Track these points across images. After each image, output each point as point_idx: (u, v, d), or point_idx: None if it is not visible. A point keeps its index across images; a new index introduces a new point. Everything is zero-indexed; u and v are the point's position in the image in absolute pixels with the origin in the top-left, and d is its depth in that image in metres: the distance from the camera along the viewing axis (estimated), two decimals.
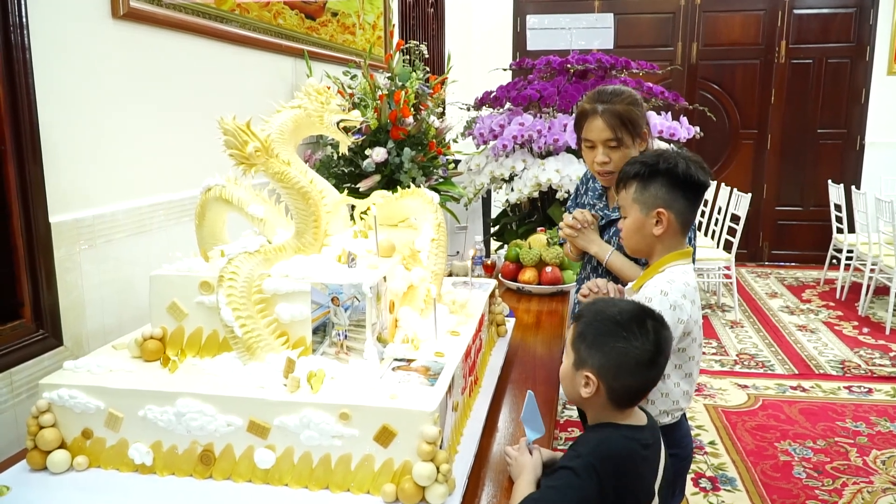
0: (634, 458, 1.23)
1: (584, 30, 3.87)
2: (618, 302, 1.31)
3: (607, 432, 1.25)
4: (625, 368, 1.22)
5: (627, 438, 1.23)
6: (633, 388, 1.25)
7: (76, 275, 1.67)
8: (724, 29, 6.60)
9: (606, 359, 1.23)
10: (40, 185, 1.56)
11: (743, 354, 4.40)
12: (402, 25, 4.46)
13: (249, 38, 2.45)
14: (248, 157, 1.34)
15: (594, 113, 1.81)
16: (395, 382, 1.27)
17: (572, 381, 1.28)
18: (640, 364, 1.22)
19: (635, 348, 1.22)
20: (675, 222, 1.50)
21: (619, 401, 1.25)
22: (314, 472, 1.21)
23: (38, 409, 1.27)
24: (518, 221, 3.72)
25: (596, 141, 1.82)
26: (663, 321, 1.27)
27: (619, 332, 1.23)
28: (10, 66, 1.48)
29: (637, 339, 1.22)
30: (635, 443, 1.23)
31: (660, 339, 1.24)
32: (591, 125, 1.81)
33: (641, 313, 1.26)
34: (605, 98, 1.80)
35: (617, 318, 1.24)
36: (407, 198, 1.70)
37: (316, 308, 1.33)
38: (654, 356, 1.23)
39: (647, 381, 1.26)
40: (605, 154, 1.81)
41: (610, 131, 1.79)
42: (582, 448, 1.22)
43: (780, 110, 6.65)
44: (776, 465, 3.03)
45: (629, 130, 1.78)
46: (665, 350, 1.25)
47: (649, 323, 1.24)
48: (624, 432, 1.24)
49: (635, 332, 1.22)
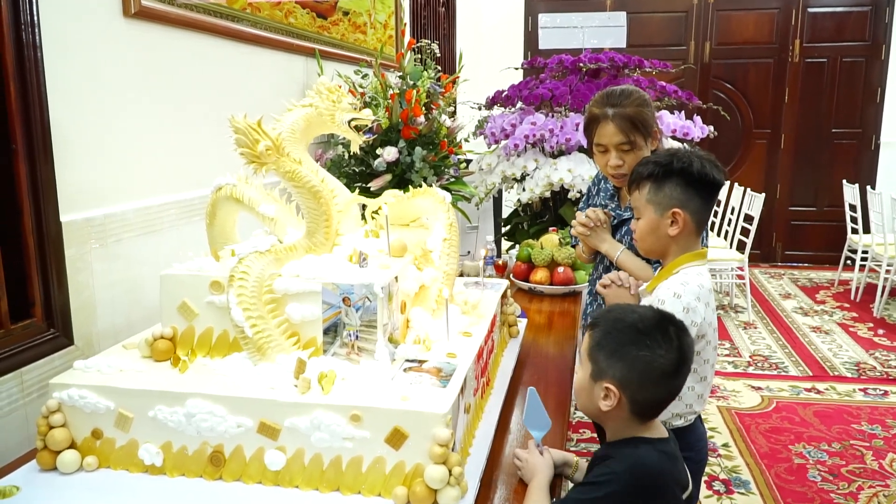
0: (669, 473, 1.19)
1: (597, 28, 3.84)
2: (636, 308, 1.25)
3: (641, 449, 1.19)
4: (649, 379, 1.17)
5: (661, 453, 1.19)
6: (656, 400, 1.20)
7: (87, 274, 1.67)
8: (738, 28, 6.55)
9: (629, 369, 1.17)
10: (51, 184, 1.56)
11: (756, 356, 4.36)
12: (413, 24, 4.45)
13: (261, 37, 2.44)
14: (259, 155, 1.33)
15: (605, 118, 1.78)
16: (406, 384, 1.25)
17: (590, 393, 1.22)
18: (665, 374, 1.17)
19: (659, 357, 1.16)
20: (690, 222, 1.48)
21: (641, 413, 1.20)
22: (325, 474, 1.20)
23: (49, 408, 1.27)
24: (529, 221, 3.70)
25: (608, 145, 1.79)
26: (685, 327, 1.22)
27: (642, 340, 1.17)
28: (22, 65, 1.48)
29: (661, 348, 1.16)
30: (666, 457, 1.20)
31: (683, 346, 1.19)
32: (602, 130, 1.79)
33: (663, 320, 1.21)
34: (615, 101, 1.77)
35: (638, 325, 1.19)
36: (419, 197, 1.69)
37: (327, 308, 1.32)
38: (678, 365, 1.18)
39: (671, 391, 1.21)
40: (619, 157, 1.79)
41: (622, 135, 1.76)
42: (616, 465, 1.17)
43: (794, 110, 6.59)
44: (790, 467, 3.00)
45: (641, 132, 1.76)
46: (689, 357, 1.20)
47: (672, 330, 1.19)
48: (657, 446, 1.20)
49: (658, 339, 1.17)
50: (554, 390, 1.76)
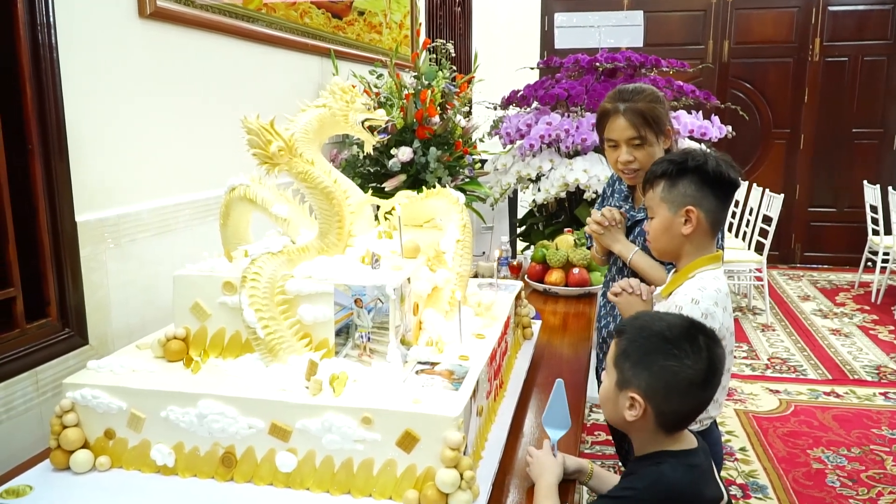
0: (696, 485, 1.16)
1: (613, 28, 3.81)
2: (664, 316, 1.21)
3: (665, 465, 1.16)
4: (675, 390, 1.13)
5: (686, 467, 1.16)
6: (683, 412, 1.16)
7: (101, 274, 1.68)
8: (757, 26, 6.48)
9: (654, 379, 1.13)
10: (66, 184, 1.57)
11: (774, 359, 4.31)
12: (429, 24, 4.44)
13: (276, 37, 2.44)
14: (272, 156, 1.33)
15: (616, 112, 1.79)
16: (418, 386, 1.24)
17: (615, 402, 1.19)
18: (693, 385, 1.13)
19: (687, 367, 1.12)
20: (704, 221, 1.46)
21: (667, 425, 1.17)
22: (336, 476, 1.19)
23: (62, 408, 1.27)
24: (545, 222, 3.68)
25: (619, 140, 1.81)
26: (715, 336, 1.17)
27: (669, 349, 1.13)
28: (38, 66, 1.49)
29: (689, 358, 1.12)
30: (693, 471, 1.17)
31: (713, 356, 1.14)
32: (613, 124, 1.80)
33: (692, 328, 1.16)
34: (627, 96, 1.78)
35: (665, 333, 1.15)
36: (432, 198, 1.68)
37: (339, 310, 1.32)
38: (707, 375, 1.13)
39: (699, 403, 1.16)
40: (629, 153, 1.80)
41: (633, 129, 1.77)
42: (638, 482, 1.15)
43: (814, 109, 6.51)
44: (808, 472, 2.96)
45: (652, 128, 1.77)
46: (718, 369, 1.15)
47: (701, 339, 1.14)
48: (682, 460, 1.16)
49: (686, 349, 1.12)
50: (568, 392, 1.72)
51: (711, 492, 1.20)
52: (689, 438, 1.22)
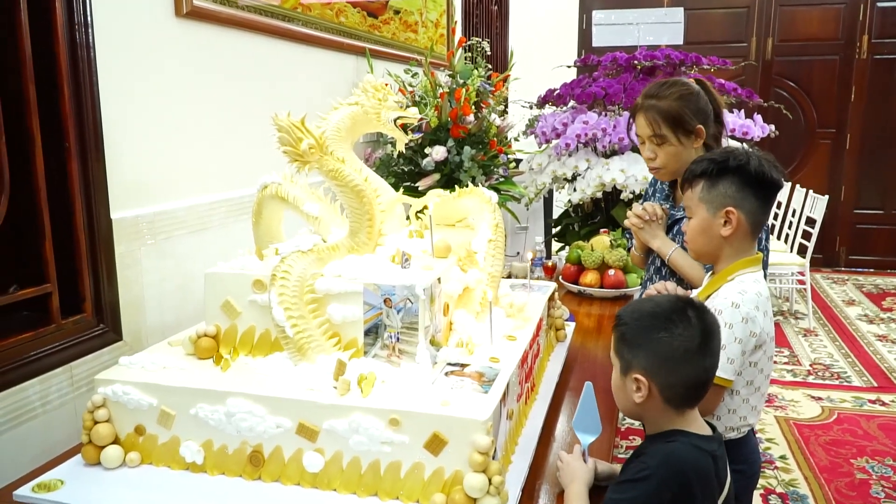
0: (707, 469, 1.14)
1: (653, 25, 3.75)
2: (654, 297, 1.23)
3: (676, 442, 1.15)
4: (673, 360, 1.14)
5: (698, 448, 1.15)
6: (688, 382, 1.16)
7: (136, 271, 1.69)
8: (802, 23, 6.32)
9: (652, 354, 1.15)
10: (102, 182, 1.58)
11: (817, 364, 4.19)
12: (465, 23, 4.42)
13: (311, 36, 2.45)
14: (303, 154, 1.32)
15: (638, 109, 1.81)
16: (447, 388, 1.22)
17: (623, 390, 1.21)
18: (689, 352, 1.14)
19: (679, 336, 1.14)
20: (744, 223, 1.41)
21: (676, 399, 1.17)
22: (363, 478, 1.18)
23: (94, 404, 1.28)
24: (580, 222, 3.64)
25: (643, 136, 1.81)
26: (703, 307, 1.20)
27: (659, 324, 1.15)
28: (76, 65, 1.50)
29: (678, 327, 1.14)
30: (706, 454, 1.15)
31: (704, 323, 1.16)
32: (637, 121, 1.83)
33: (678, 302, 1.19)
34: (654, 92, 1.79)
35: (655, 310, 1.18)
36: (464, 197, 1.66)
37: (368, 309, 1.30)
38: (702, 341, 1.14)
39: (700, 370, 1.16)
40: (651, 150, 1.80)
41: (649, 128, 1.78)
42: (650, 460, 1.14)
43: (861, 108, 6.32)
44: (852, 483, 2.86)
45: (672, 127, 1.74)
46: (712, 333, 1.17)
47: (689, 311, 1.16)
48: (693, 441, 1.16)
49: (675, 320, 1.15)
50: (602, 397, 1.69)
51: (720, 481, 1.17)
52: (702, 424, 1.21)
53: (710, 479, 1.15)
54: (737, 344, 1.34)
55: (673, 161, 1.78)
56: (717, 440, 1.21)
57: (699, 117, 1.74)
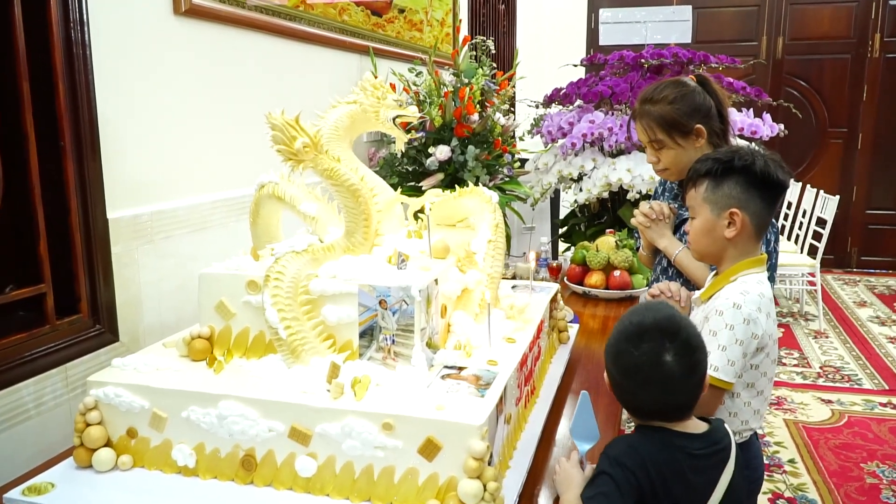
0: (672, 465, 1.12)
1: (661, 23, 3.71)
2: (647, 312, 1.18)
3: (642, 435, 1.17)
4: (615, 381, 1.18)
5: (665, 444, 1.13)
6: (634, 405, 1.19)
7: (134, 270, 1.68)
8: (813, 22, 6.25)
9: (607, 369, 1.19)
10: (98, 181, 1.57)
11: (827, 367, 4.14)
12: (472, 22, 4.40)
13: (314, 34, 2.43)
14: (297, 152, 1.30)
15: (634, 116, 1.81)
16: (442, 392, 1.20)
17: None
18: (630, 380, 1.15)
19: (621, 364, 1.16)
20: (749, 225, 1.38)
21: (633, 414, 1.19)
22: (356, 483, 1.16)
23: (86, 406, 1.26)
24: (587, 223, 3.60)
25: (642, 142, 1.82)
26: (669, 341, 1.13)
27: (625, 345, 1.15)
28: (71, 63, 1.49)
29: (625, 356, 1.15)
30: (676, 450, 1.13)
31: (654, 362, 1.12)
32: (636, 127, 1.81)
33: (644, 329, 1.14)
34: (647, 97, 1.78)
35: (622, 328, 1.18)
36: (465, 197, 1.64)
37: (363, 311, 1.28)
38: (642, 376, 1.13)
39: (645, 402, 1.16)
40: (653, 154, 1.80)
41: (645, 134, 1.78)
42: (612, 450, 1.14)
43: (873, 108, 6.25)
44: (861, 487, 2.82)
45: (667, 131, 1.73)
46: (655, 374, 1.12)
47: (645, 341, 1.13)
48: (664, 436, 1.14)
49: (630, 350, 1.14)
50: (605, 400, 1.67)
51: (699, 484, 1.14)
52: (695, 425, 1.18)
53: (675, 476, 1.12)
54: (738, 346, 1.31)
55: (676, 162, 1.75)
56: (704, 439, 1.17)
57: (696, 116, 1.70)
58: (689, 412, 1.17)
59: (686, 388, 1.14)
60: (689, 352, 1.13)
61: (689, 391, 1.14)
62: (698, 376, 1.14)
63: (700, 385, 1.15)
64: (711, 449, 1.16)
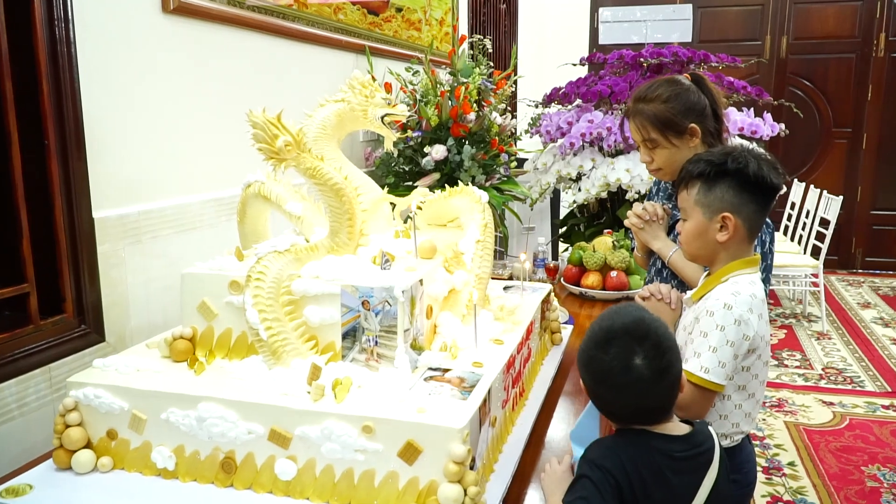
0: (652, 467, 1.09)
1: (661, 22, 3.69)
2: (616, 315, 1.16)
3: (622, 437, 1.14)
4: (587, 386, 1.16)
5: (645, 446, 1.11)
6: (609, 410, 1.17)
7: (121, 271, 1.66)
8: (817, 21, 6.21)
9: (588, 376, 1.16)
10: (84, 180, 1.55)
11: (829, 369, 4.10)
12: (472, 22, 4.38)
13: (307, 33, 2.41)
14: (278, 151, 1.28)
15: (628, 114, 1.77)
16: (424, 394, 1.18)
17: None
18: (601, 385, 1.13)
19: (591, 369, 1.14)
20: (742, 228, 1.35)
21: (616, 419, 1.17)
22: (336, 486, 1.14)
23: (65, 407, 1.25)
24: (586, 223, 3.58)
25: (636, 141, 1.78)
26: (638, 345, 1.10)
27: (594, 351, 1.13)
28: (55, 61, 1.48)
29: (595, 362, 1.13)
30: (657, 452, 1.10)
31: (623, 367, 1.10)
32: (629, 126, 1.77)
33: (613, 334, 1.12)
34: (641, 95, 1.73)
35: (591, 334, 1.16)
36: (455, 197, 1.62)
37: (346, 312, 1.26)
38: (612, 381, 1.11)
39: (619, 406, 1.14)
40: (647, 153, 1.75)
41: (639, 133, 1.73)
42: (591, 453, 1.12)
43: (878, 108, 6.20)
44: (862, 490, 2.79)
45: (661, 130, 1.69)
46: (625, 378, 1.09)
47: (614, 346, 1.10)
48: (644, 438, 1.12)
49: (600, 356, 1.12)
50: None
51: (680, 486, 1.11)
52: (676, 427, 1.15)
53: (654, 477, 1.09)
54: (729, 347, 1.29)
55: (670, 162, 1.72)
56: (686, 441, 1.14)
57: (690, 115, 1.67)
58: (667, 414, 1.14)
59: (659, 390, 1.11)
60: (660, 354, 1.10)
61: (662, 394, 1.12)
62: (671, 378, 1.11)
63: (674, 386, 1.12)
64: (693, 451, 1.13)
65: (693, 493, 1.11)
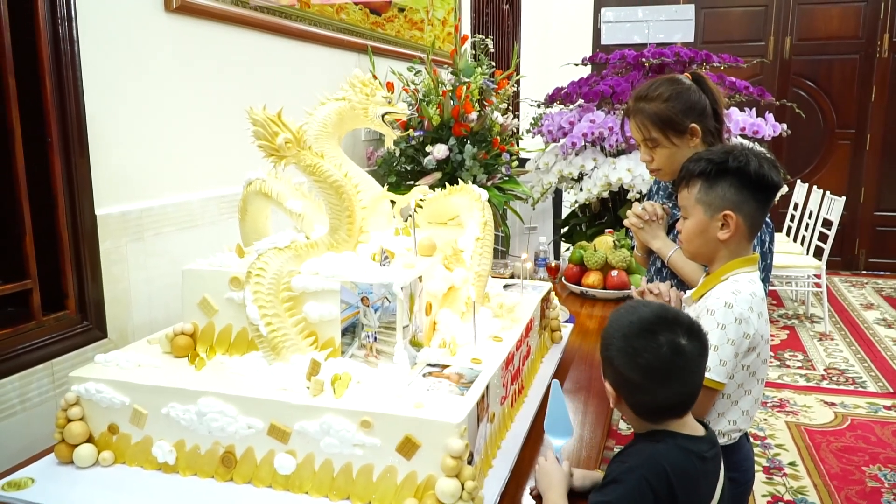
0: (692, 472, 1.09)
1: (664, 22, 3.69)
2: (639, 308, 1.15)
3: (662, 443, 1.11)
4: (631, 384, 1.11)
5: (683, 450, 1.10)
6: (653, 401, 1.12)
7: (123, 267, 1.68)
8: (821, 22, 6.20)
9: (615, 373, 1.13)
10: (86, 177, 1.57)
11: (831, 369, 4.10)
12: (475, 22, 4.38)
13: (309, 32, 2.42)
14: (278, 148, 1.29)
15: (628, 113, 1.78)
16: (423, 390, 1.19)
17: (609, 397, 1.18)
18: (652, 377, 1.09)
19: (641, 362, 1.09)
20: (742, 226, 1.36)
21: (645, 415, 1.14)
22: (335, 481, 1.15)
23: (67, 401, 1.26)
24: (588, 223, 3.59)
25: (637, 140, 1.78)
26: (678, 327, 1.10)
27: (641, 342, 1.10)
28: (58, 59, 1.49)
29: (644, 354, 1.09)
30: (693, 455, 1.10)
31: (675, 350, 1.09)
32: (630, 125, 1.78)
33: (651, 323, 1.11)
34: (642, 94, 1.74)
35: (626, 329, 1.12)
36: (455, 195, 1.63)
37: (345, 308, 1.27)
38: (667, 365, 1.08)
39: (666, 397, 1.11)
40: (647, 153, 1.76)
41: (639, 132, 1.74)
42: (633, 460, 1.10)
43: (882, 108, 6.19)
44: (863, 491, 2.79)
45: (661, 129, 1.69)
46: (678, 361, 1.09)
47: (660, 333, 1.09)
48: (680, 442, 1.11)
49: (649, 345, 1.09)
50: (595, 401, 1.66)
51: (706, 489, 1.12)
52: (694, 425, 1.16)
53: (694, 481, 1.10)
54: (729, 345, 1.29)
55: (670, 162, 1.72)
56: (707, 441, 1.15)
57: (691, 115, 1.67)
58: (694, 403, 1.15)
59: (702, 371, 1.12)
60: (695, 333, 1.11)
61: (701, 376, 1.13)
62: (706, 357, 1.14)
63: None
64: (714, 451, 1.14)
65: (713, 493, 1.12)
